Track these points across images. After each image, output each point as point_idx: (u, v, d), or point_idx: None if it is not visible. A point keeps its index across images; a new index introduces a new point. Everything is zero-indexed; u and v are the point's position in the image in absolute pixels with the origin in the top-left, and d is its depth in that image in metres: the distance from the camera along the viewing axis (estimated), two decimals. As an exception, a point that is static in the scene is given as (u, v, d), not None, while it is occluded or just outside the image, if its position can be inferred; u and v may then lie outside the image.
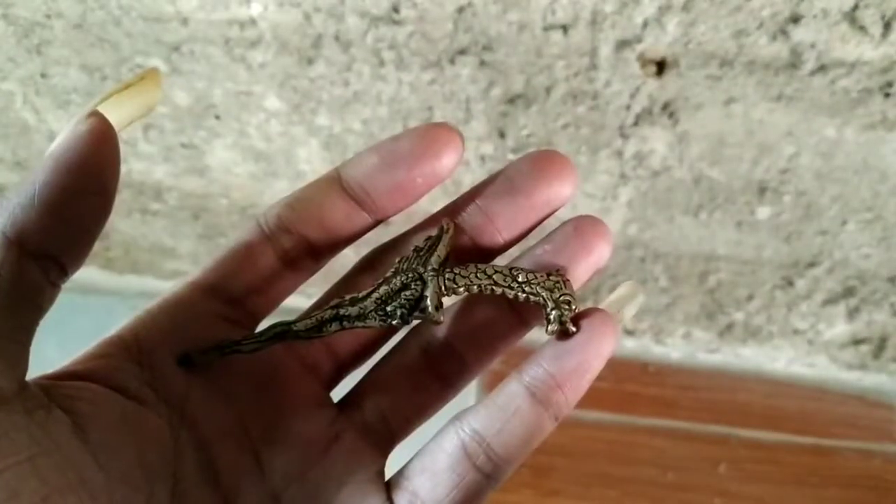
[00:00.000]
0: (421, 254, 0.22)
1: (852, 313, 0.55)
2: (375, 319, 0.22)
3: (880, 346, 0.57)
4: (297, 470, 0.22)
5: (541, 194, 0.22)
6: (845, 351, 0.58)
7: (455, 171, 0.22)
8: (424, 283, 0.22)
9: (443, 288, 0.22)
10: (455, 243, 0.23)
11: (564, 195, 0.22)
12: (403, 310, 0.22)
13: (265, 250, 0.22)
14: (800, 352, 0.59)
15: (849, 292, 0.54)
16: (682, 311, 0.58)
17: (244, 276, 0.22)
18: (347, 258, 0.24)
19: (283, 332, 0.22)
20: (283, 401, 0.23)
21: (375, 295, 0.22)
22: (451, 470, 0.22)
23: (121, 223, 0.62)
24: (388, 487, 0.23)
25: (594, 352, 0.22)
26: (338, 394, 0.25)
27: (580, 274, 0.23)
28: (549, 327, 0.22)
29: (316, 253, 0.23)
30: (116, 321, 0.22)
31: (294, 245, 0.22)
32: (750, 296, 0.56)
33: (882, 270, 0.52)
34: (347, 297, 0.22)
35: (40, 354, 0.20)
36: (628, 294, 0.24)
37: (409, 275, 0.22)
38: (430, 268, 0.22)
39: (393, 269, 0.22)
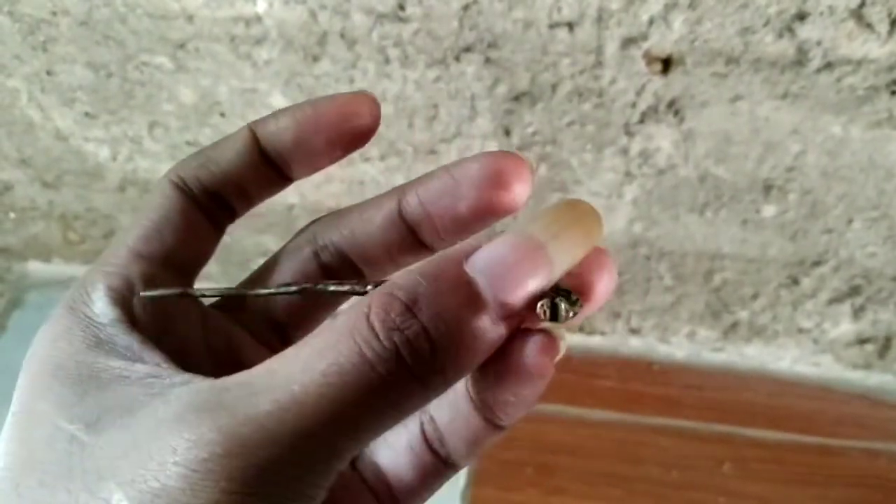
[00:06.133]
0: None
1: (858, 312, 0.55)
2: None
3: (885, 345, 0.57)
4: None
5: (486, 205, 0.20)
6: (850, 350, 0.58)
7: (374, 136, 0.21)
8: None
9: None
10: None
11: (514, 204, 0.20)
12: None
13: (197, 216, 0.22)
14: (805, 351, 0.59)
15: (854, 291, 0.54)
16: (687, 309, 0.58)
17: (186, 244, 0.21)
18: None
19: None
20: None
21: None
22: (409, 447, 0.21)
23: (125, 221, 0.62)
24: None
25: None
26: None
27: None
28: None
29: (232, 212, 0.23)
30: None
31: (217, 207, 0.22)
32: (755, 294, 0.55)
33: (888, 269, 0.51)
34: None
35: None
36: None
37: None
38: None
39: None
